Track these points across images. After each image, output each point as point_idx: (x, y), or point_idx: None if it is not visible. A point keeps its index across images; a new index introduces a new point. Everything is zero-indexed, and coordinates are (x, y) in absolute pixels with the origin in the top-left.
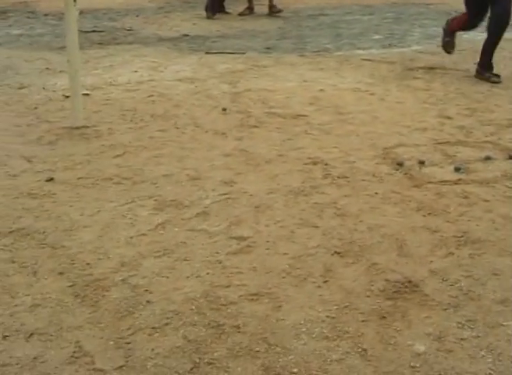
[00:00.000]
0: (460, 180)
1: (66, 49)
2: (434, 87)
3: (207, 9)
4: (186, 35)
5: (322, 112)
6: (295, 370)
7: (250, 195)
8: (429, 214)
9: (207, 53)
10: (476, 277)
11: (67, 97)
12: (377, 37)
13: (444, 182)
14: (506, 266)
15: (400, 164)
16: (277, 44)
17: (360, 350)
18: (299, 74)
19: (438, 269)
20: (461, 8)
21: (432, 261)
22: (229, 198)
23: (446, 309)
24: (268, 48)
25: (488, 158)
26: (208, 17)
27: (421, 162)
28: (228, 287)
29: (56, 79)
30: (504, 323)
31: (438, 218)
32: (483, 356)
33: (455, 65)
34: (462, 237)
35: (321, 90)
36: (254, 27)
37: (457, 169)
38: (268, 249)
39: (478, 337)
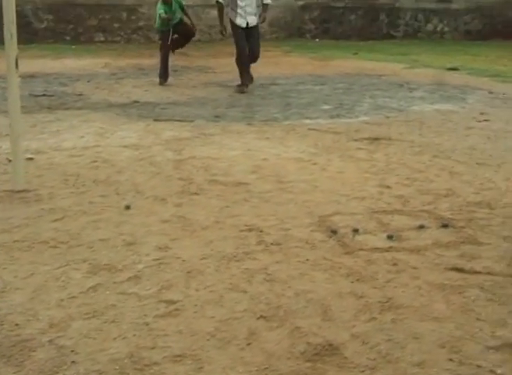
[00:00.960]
0: (391, 247)
1: (8, 114)
2: (377, 157)
3: (160, 76)
4: (137, 101)
5: (263, 181)
6: None
7: (183, 261)
8: (357, 280)
9: (155, 120)
10: (396, 341)
11: (11, 160)
12: (326, 107)
13: (375, 249)
14: (427, 330)
15: (334, 232)
16: (226, 112)
17: None
18: (244, 143)
19: (359, 333)
20: (412, 79)
21: (354, 325)
22: (162, 263)
23: (362, 371)
24: (216, 116)
25: (421, 227)
26: (160, 83)
27: (355, 230)
28: (153, 348)
29: (1, 142)
30: None
31: (365, 284)
32: None
33: (400, 136)
34: (387, 302)
35: (265, 159)
36: (204, 95)
37: (390, 237)
38: (195, 312)
39: None
